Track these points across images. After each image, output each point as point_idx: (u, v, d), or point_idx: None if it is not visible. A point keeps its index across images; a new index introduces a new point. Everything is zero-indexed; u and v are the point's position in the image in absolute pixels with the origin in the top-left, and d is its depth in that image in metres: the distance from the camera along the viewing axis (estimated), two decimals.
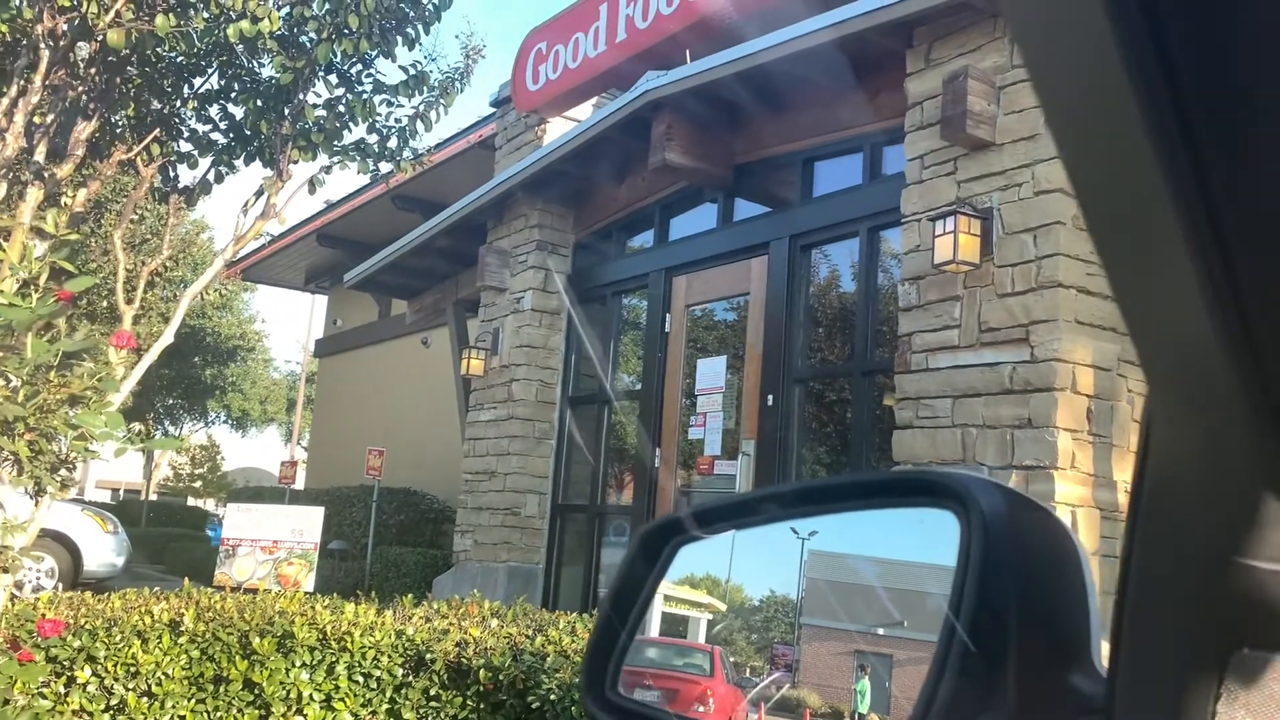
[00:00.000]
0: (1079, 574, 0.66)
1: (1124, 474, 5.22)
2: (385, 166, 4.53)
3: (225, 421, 32.06)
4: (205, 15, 3.73)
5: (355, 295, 15.69)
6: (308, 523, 9.08)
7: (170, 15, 3.51)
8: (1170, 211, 0.36)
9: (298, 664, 4.69)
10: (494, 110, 11.19)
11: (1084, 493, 5.00)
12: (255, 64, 4.35)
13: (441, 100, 4.46)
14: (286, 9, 3.99)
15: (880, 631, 0.81)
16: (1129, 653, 0.51)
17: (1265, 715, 0.47)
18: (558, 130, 9.76)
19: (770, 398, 7.16)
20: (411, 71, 4.36)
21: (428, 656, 4.66)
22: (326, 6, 3.94)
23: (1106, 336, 5.13)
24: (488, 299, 9.71)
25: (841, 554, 0.89)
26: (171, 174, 4.69)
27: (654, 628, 1.01)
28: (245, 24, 3.63)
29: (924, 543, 0.73)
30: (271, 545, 8.97)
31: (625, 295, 9.11)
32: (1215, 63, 0.33)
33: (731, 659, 0.93)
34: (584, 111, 9.75)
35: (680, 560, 0.96)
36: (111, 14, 3.46)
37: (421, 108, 4.46)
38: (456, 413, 10.61)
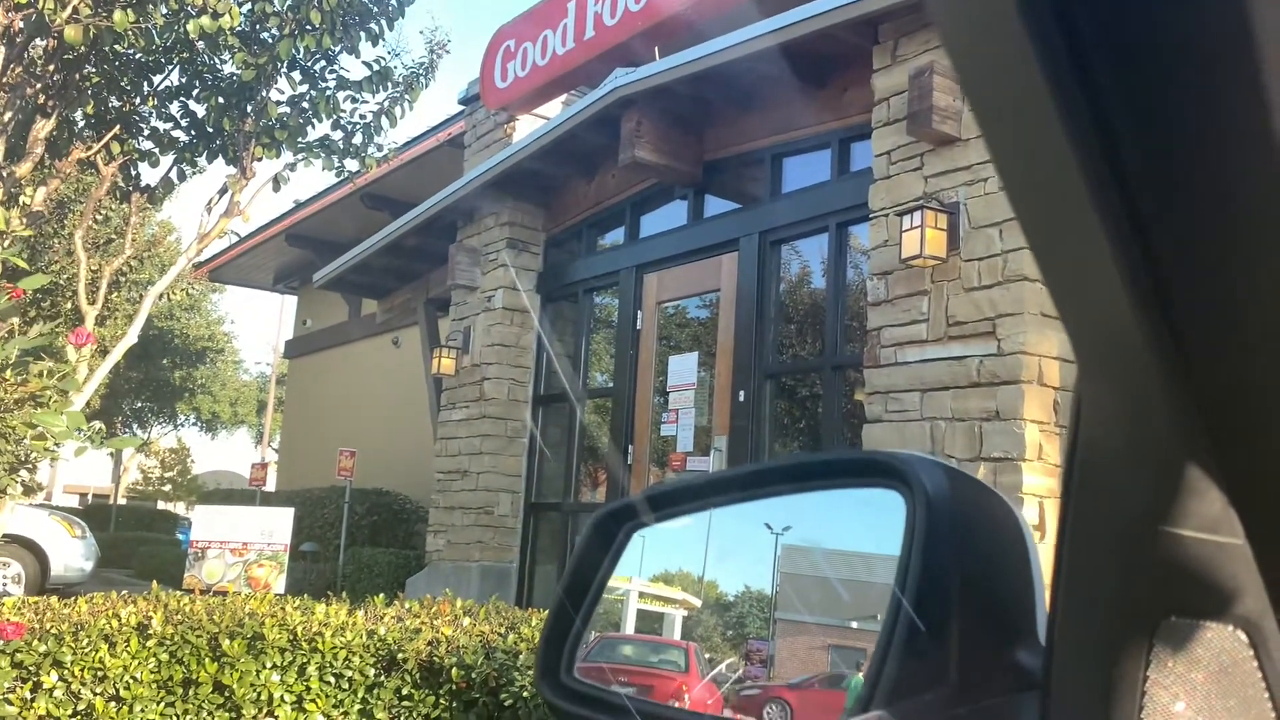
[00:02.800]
0: (1023, 549, 0.66)
1: None
2: (351, 164, 4.50)
3: (195, 424, 31.78)
4: (164, 11, 3.68)
5: (325, 295, 15.58)
6: (278, 524, 9.01)
7: (129, 11, 3.45)
8: (1085, 192, 0.37)
9: (268, 665, 4.66)
10: (463, 108, 11.15)
11: (1052, 484, 5.04)
12: (217, 61, 4.30)
13: (406, 96, 4.43)
14: (248, 5, 3.95)
15: (854, 625, 0.82)
16: (1063, 625, 0.52)
17: (1192, 680, 0.47)
18: (527, 128, 9.73)
19: (742, 393, 7.18)
20: (375, 67, 4.33)
21: (399, 656, 4.64)
22: (288, 2, 3.90)
23: None
24: (458, 298, 9.67)
25: (813, 547, 0.89)
26: (133, 172, 4.63)
27: (629, 624, 1.01)
28: (206, 20, 3.59)
29: (874, 522, 0.74)
30: (241, 547, 8.89)
31: (597, 293, 9.10)
32: (1126, 53, 0.34)
33: (707, 655, 0.93)
34: (554, 109, 9.73)
35: (641, 548, 0.96)
36: (69, 10, 3.42)
37: (386, 104, 4.43)
38: (428, 412, 10.57)
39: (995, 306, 5.18)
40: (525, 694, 4.20)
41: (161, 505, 30.84)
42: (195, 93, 4.43)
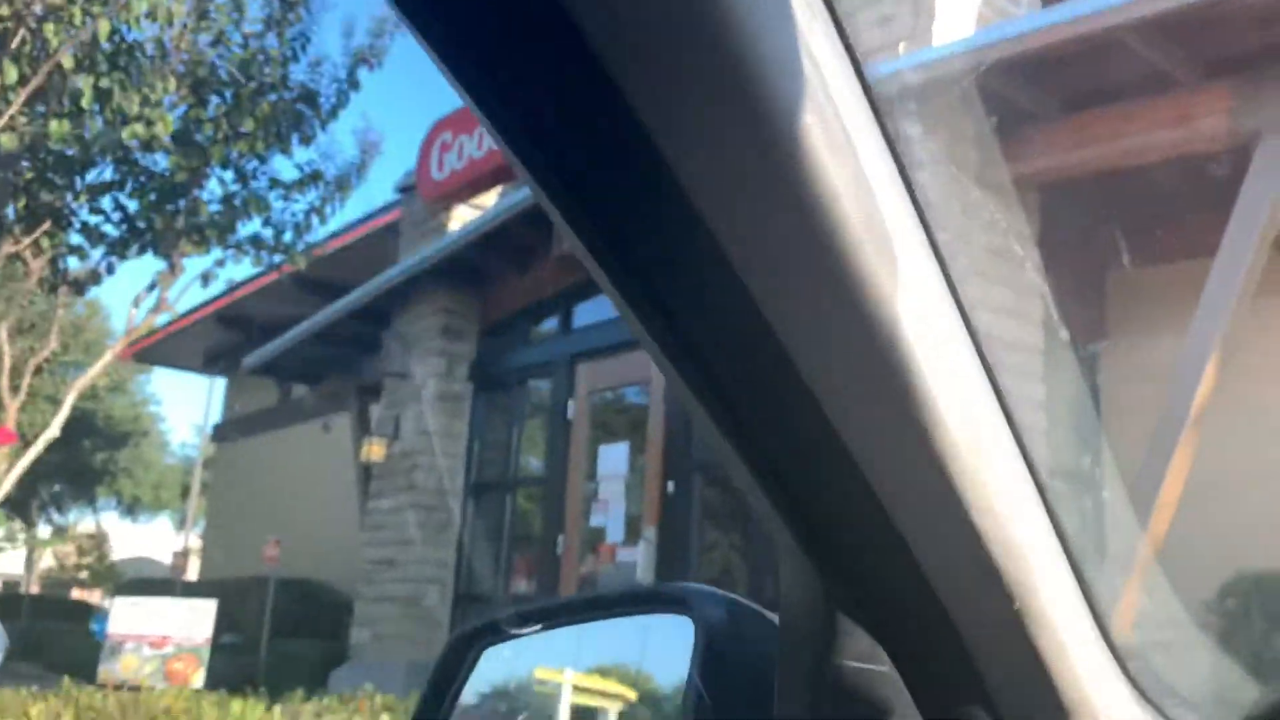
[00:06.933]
0: None
1: None
2: (279, 258, 4.55)
3: (115, 508, 30.84)
4: (100, 121, 3.74)
5: (255, 378, 15.40)
6: (199, 616, 8.78)
7: (64, 121, 3.51)
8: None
9: None
10: (400, 196, 11.26)
11: None
12: (150, 160, 4.36)
13: (338, 194, 4.53)
14: (182, 108, 4.02)
15: None
16: None
17: None
18: (464, 217, 9.86)
19: (671, 484, 7.24)
20: (306, 170, 4.42)
21: None
22: (223, 109, 3.99)
23: None
24: (390, 385, 9.65)
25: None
26: (60, 266, 4.63)
27: (563, 717, 1.06)
28: (139, 127, 3.65)
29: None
30: (160, 640, 8.63)
31: (530, 381, 9.16)
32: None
33: None
34: (490, 199, 9.89)
35: (495, 660, 1.06)
36: (4, 118, 3.46)
37: (317, 202, 4.52)
38: (357, 500, 10.45)
39: None
40: None
41: (76, 594, 29.70)
42: (127, 189, 4.47)
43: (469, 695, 1.15)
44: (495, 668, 1.11)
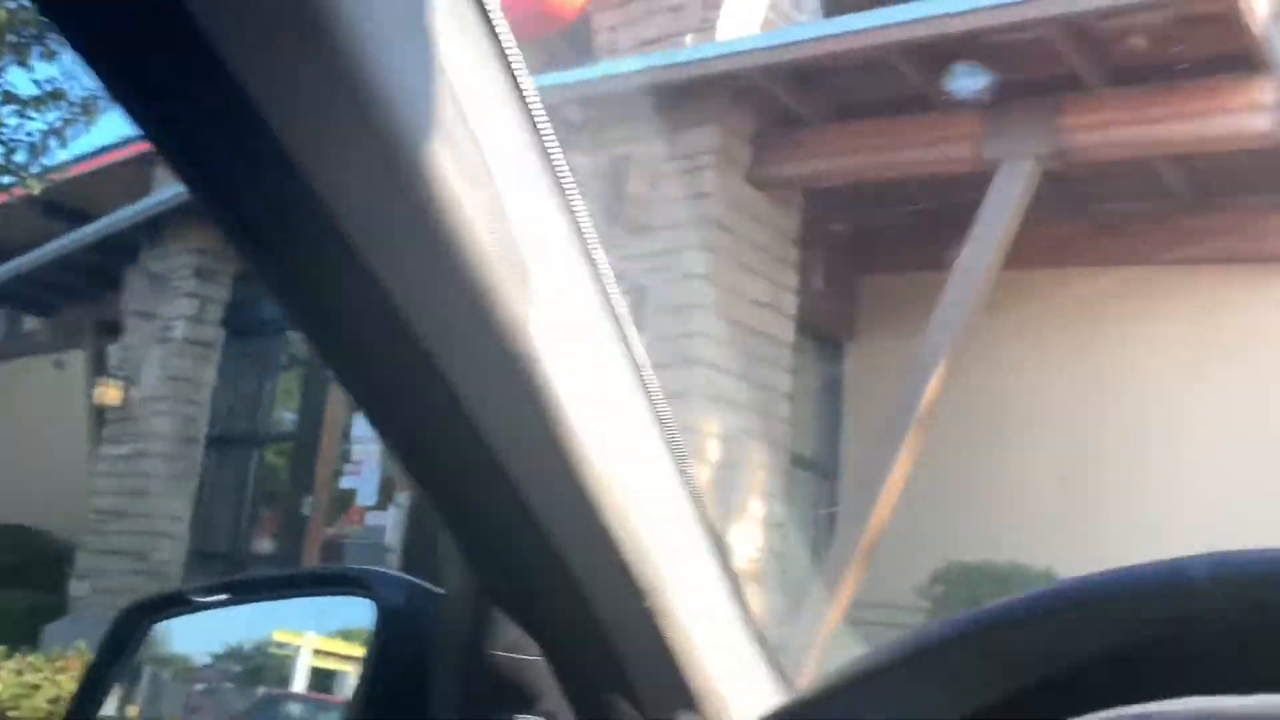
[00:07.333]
0: None
1: (739, 537, 5.70)
2: (8, 179, 4.17)
3: None
4: None
5: None
6: None
7: None
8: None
9: None
10: None
11: None
12: None
13: (83, 116, 4.18)
14: None
15: None
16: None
17: None
18: None
19: None
20: (47, 88, 4.06)
21: (12, 714, 4.24)
22: None
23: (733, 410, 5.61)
24: (133, 324, 9.01)
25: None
26: None
27: (300, 682, 1.05)
28: None
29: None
30: None
31: (287, 332, 8.79)
32: None
33: None
34: None
35: (166, 635, 1.05)
36: None
37: (58, 124, 4.16)
38: (87, 445, 9.74)
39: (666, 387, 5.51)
40: None
41: None
42: None
43: (201, 657, 1.15)
44: (231, 629, 1.08)
